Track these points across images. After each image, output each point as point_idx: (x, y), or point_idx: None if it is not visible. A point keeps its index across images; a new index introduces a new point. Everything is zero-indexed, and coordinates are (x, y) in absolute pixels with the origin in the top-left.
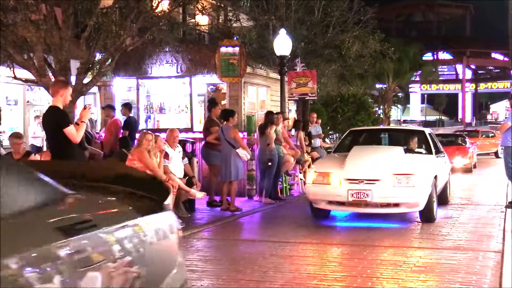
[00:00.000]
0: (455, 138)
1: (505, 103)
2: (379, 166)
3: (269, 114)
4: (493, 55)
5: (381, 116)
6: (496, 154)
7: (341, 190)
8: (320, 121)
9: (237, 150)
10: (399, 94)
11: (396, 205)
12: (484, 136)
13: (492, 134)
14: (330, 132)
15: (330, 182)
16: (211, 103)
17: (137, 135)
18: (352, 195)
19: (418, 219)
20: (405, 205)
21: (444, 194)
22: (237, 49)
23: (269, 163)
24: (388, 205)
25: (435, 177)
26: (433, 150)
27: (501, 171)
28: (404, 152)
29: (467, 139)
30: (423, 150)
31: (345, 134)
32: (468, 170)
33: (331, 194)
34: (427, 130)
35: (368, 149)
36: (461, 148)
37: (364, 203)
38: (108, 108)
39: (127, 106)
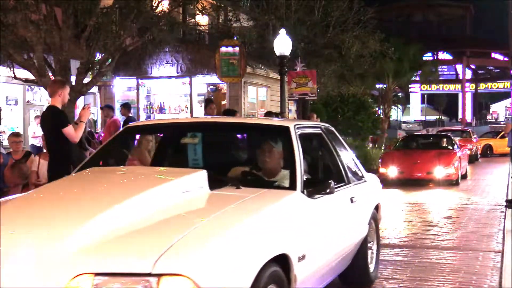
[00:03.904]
0: (438, 139)
1: (505, 103)
2: (49, 248)
3: (268, 114)
4: (493, 55)
5: (381, 116)
6: (470, 159)
7: None
8: (318, 120)
9: None
10: (399, 94)
11: None
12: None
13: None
14: None
15: None
16: (206, 102)
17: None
18: None
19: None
20: None
21: (360, 267)
22: (237, 49)
23: None
24: None
25: (286, 258)
26: (300, 179)
27: (500, 180)
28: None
29: (455, 141)
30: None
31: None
32: (453, 182)
33: None
34: (297, 127)
35: (59, 189)
36: (444, 153)
37: None
38: (106, 108)
39: (126, 106)
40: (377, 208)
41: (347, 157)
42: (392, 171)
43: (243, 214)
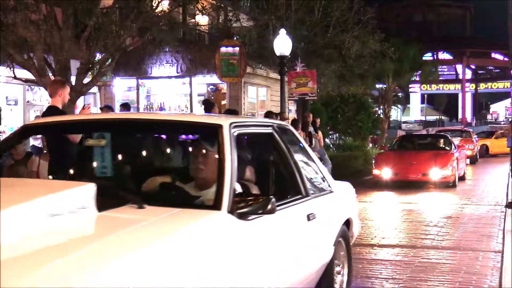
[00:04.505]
0: (435, 140)
1: (505, 103)
2: None
3: (268, 114)
4: (493, 55)
5: (381, 116)
6: (471, 160)
7: None
8: (318, 120)
9: None
10: (399, 94)
11: None
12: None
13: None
14: (330, 132)
15: None
16: (207, 104)
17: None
18: None
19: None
20: None
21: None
22: (237, 49)
23: None
24: None
25: None
26: (227, 196)
27: (500, 182)
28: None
29: (453, 142)
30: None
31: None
32: (449, 184)
33: None
34: (235, 125)
35: None
36: (441, 154)
37: None
38: (106, 108)
39: (125, 106)
40: (348, 224)
41: (308, 163)
42: (386, 173)
43: (125, 250)
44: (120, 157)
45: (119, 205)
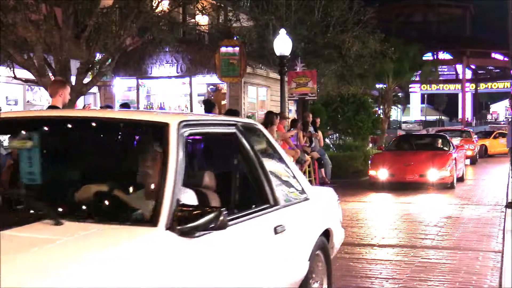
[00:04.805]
0: (433, 140)
1: (505, 103)
2: None
3: (269, 114)
4: (493, 55)
5: (381, 116)
6: (472, 160)
7: None
8: (318, 120)
9: None
10: (399, 94)
11: None
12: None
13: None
14: (330, 132)
15: None
16: (208, 105)
17: None
18: None
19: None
20: None
21: None
22: (237, 49)
23: None
24: None
25: None
26: (167, 209)
27: (500, 183)
28: None
29: (451, 142)
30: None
31: None
32: (447, 186)
33: None
34: (185, 124)
35: None
36: (439, 154)
37: None
38: (106, 108)
39: (125, 106)
40: (327, 234)
41: (278, 167)
42: (382, 174)
43: (13, 283)
44: (52, 161)
45: (31, 221)
